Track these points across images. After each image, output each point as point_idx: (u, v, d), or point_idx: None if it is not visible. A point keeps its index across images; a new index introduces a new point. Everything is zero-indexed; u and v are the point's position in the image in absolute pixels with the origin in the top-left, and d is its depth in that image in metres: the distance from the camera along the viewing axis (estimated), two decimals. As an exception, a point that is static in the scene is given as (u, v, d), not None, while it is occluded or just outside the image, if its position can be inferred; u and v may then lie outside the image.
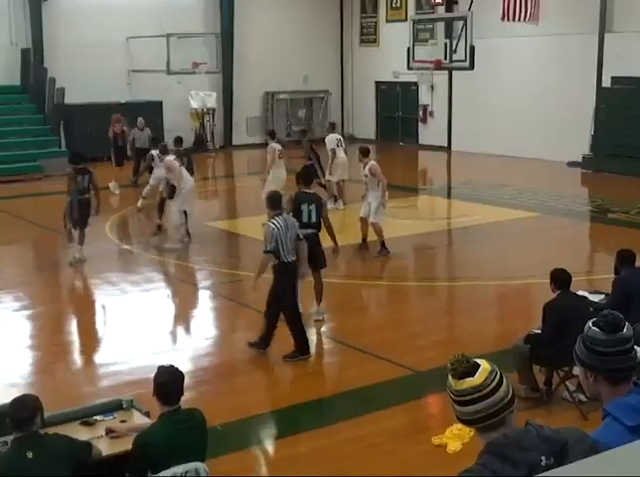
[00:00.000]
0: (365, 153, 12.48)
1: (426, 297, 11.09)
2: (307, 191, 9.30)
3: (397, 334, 9.15)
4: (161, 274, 11.97)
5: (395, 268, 12.65)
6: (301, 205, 9.06)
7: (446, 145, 25.46)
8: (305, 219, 8.97)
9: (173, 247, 13.26)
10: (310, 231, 8.93)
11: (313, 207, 9.09)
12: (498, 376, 2.68)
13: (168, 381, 4.76)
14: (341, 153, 15.60)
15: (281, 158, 14.99)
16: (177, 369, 4.88)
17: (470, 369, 2.66)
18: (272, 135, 15.71)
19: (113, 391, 7.22)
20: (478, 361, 2.70)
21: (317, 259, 9.10)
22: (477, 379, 2.64)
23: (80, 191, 11.94)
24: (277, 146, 15.08)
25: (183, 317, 10.24)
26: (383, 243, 12.39)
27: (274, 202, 8.30)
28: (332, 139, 15.55)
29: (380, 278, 11.88)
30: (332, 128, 16.18)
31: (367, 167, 12.21)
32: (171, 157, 13.56)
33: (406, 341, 8.92)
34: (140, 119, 19.86)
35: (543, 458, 2.52)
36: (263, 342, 8.34)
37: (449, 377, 2.69)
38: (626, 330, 2.85)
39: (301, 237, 8.28)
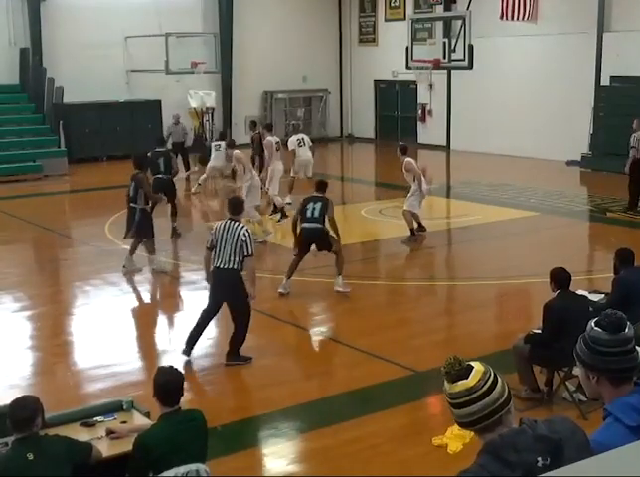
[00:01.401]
0: (403, 151, 13.48)
1: (426, 297, 11.09)
2: (317, 194, 10.54)
3: (396, 334, 9.15)
4: (161, 274, 11.95)
5: (394, 268, 12.66)
6: (307, 204, 10.38)
7: (445, 144, 25.46)
8: (309, 214, 10.27)
9: (261, 241, 13.28)
10: (315, 224, 10.26)
11: (318, 205, 10.30)
12: (492, 376, 2.68)
13: (168, 381, 4.76)
14: (302, 152, 16.24)
15: (278, 151, 15.16)
16: (177, 369, 4.88)
17: (463, 371, 2.66)
18: (269, 128, 15.96)
19: (114, 392, 7.21)
20: (472, 363, 2.70)
21: (326, 245, 10.47)
22: (470, 380, 2.64)
23: (128, 197, 11.72)
24: (274, 139, 15.23)
25: (183, 317, 10.23)
26: (412, 231, 13.28)
27: (231, 206, 8.42)
28: (293, 141, 16.39)
29: (380, 278, 11.88)
30: (294, 130, 17.26)
31: (403, 164, 13.35)
32: (238, 151, 14.12)
33: (406, 341, 8.92)
34: (175, 114, 20.11)
35: (539, 459, 2.51)
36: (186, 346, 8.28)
37: (444, 380, 2.69)
38: (628, 330, 2.85)
39: (247, 253, 7.96)
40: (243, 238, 7.94)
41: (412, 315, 10.22)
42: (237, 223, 8.09)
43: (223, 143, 17.00)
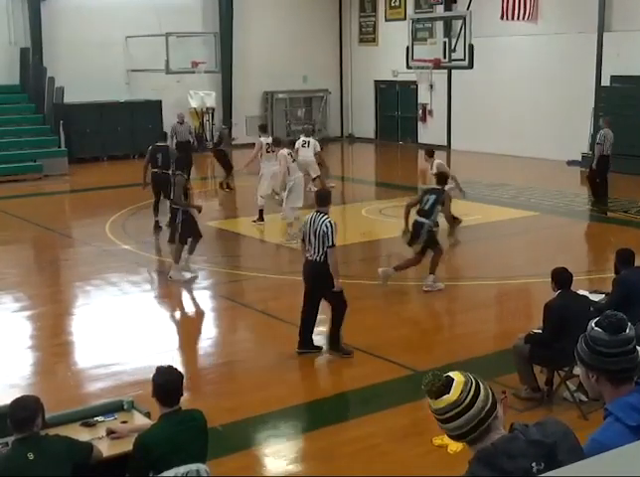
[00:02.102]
0: (430, 154, 14.04)
1: (427, 297, 11.07)
2: (435, 186, 10.90)
3: (397, 334, 9.14)
4: (161, 274, 11.95)
5: (394, 268, 12.64)
6: (425, 196, 10.77)
7: (446, 144, 25.46)
8: (422, 204, 10.67)
9: (289, 243, 13.16)
10: (422, 219, 10.55)
11: (432, 197, 10.62)
12: (474, 386, 2.64)
13: (167, 381, 4.74)
14: (303, 152, 16.39)
15: (269, 152, 14.98)
16: (175, 369, 4.85)
17: (444, 387, 2.64)
18: (263, 129, 16.04)
19: (114, 391, 7.22)
20: (451, 374, 2.68)
21: (426, 241, 10.62)
22: (452, 395, 2.62)
23: (170, 199, 11.41)
24: (265, 140, 15.13)
25: (183, 317, 10.24)
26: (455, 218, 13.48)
27: (318, 198, 8.54)
28: (299, 141, 16.86)
29: (380, 278, 11.86)
30: (306, 132, 17.69)
31: (434, 166, 13.64)
32: (285, 151, 13.84)
33: (407, 341, 8.91)
34: (180, 113, 20.16)
35: (533, 464, 2.51)
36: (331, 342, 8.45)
37: (427, 397, 2.67)
38: (629, 330, 2.85)
39: (328, 244, 8.10)
40: (325, 230, 8.08)
41: (413, 315, 10.22)
42: (322, 214, 8.20)
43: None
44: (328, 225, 8.11)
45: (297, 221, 13.39)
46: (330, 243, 8.11)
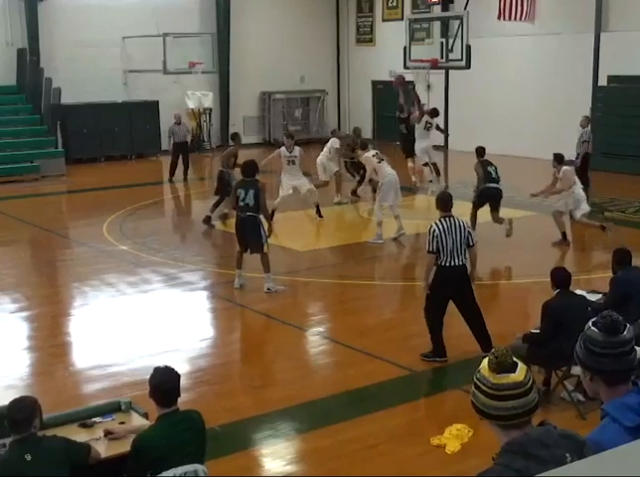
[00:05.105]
0: (559, 160, 13.89)
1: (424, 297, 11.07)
2: None
3: (396, 334, 9.15)
4: (159, 275, 11.94)
5: (394, 268, 12.66)
6: None
7: (443, 144, 25.46)
8: None
9: (374, 243, 13.14)
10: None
11: None
12: (531, 376, 2.72)
13: (164, 382, 4.73)
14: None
15: (289, 164, 14.69)
16: (172, 369, 4.83)
17: (511, 365, 2.69)
18: (287, 136, 15.31)
19: (112, 392, 7.21)
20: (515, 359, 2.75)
21: None
22: (519, 375, 2.67)
23: (241, 207, 10.63)
24: (283, 151, 14.76)
25: (181, 318, 10.23)
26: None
27: (442, 203, 8.23)
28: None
29: (379, 278, 11.88)
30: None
31: (561, 172, 13.42)
32: (370, 153, 13.73)
33: (406, 341, 8.91)
34: (177, 114, 20.14)
35: (567, 455, 2.53)
36: (435, 350, 8.17)
37: (486, 370, 2.70)
38: (626, 332, 2.84)
39: (472, 244, 8.05)
40: (468, 230, 8.06)
41: (412, 315, 10.20)
42: (454, 218, 8.03)
43: None
44: (468, 224, 8.09)
45: (379, 224, 13.21)
46: (474, 243, 8.12)
